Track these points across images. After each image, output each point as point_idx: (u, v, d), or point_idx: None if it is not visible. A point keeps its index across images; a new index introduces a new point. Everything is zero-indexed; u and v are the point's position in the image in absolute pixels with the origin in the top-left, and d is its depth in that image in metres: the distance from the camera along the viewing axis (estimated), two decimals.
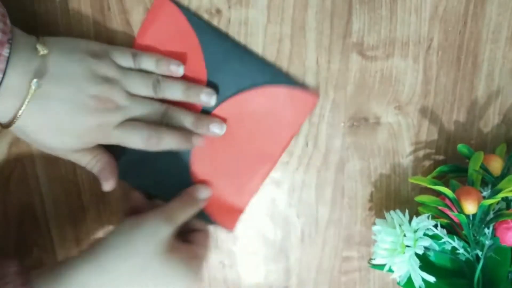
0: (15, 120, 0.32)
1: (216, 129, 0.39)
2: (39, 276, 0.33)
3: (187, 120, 0.38)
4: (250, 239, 0.45)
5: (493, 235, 0.38)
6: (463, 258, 0.39)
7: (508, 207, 0.40)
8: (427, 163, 0.44)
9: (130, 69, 0.37)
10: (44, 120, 0.33)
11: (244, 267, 0.46)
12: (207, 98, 0.39)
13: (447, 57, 0.41)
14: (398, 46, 0.40)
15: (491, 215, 0.38)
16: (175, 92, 0.38)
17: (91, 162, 0.38)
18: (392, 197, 0.44)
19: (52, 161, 0.41)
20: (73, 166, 0.42)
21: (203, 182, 0.41)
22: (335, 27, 0.39)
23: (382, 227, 0.39)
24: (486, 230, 0.38)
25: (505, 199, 0.40)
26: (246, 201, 0.42)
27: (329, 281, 0.46)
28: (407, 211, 0.40)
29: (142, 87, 0.37)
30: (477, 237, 0.38)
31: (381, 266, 0.40)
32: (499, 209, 0.39)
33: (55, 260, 0.44)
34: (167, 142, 0.37)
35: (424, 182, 0.39)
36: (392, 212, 0.40)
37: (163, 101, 0.38)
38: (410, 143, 0.43)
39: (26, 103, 0.32)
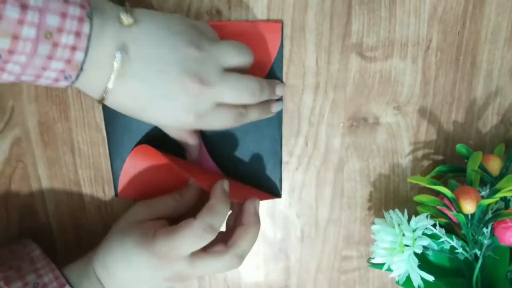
0: (105, 96, 0.31)
1: (280, 91, 0.39)
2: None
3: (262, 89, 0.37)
4: None
5: (492, 234, 0.39)
6: (461, 258, 0.39)
7: (506, 207, 0.40)
8: (426, 163, 0.44)
9: (230, 74, 0.34)
10: (131, 99, 0.32)
11: (244, 267, 0.46)
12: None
13: (446, 57, 0.41)
14: (397, 47, 0.40)
15: (490, 214, 0.38)
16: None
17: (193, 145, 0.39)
18: (391, 197, 0.45)
19: (53, 161, 0.42)
20: (74, 165, 0.42)
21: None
22: (335, 28, 0.39)
23: (381, 227, 0.40)
24: (484, 230, 0.38)
25: (503, 198, 0.40)
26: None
27: (328, 280, 0.47)
28: (406, 210, 0.40)
29: (236, 58, 0.34)
30: (476, 237, 0.39)
31: (380, 265, 0.40)
32: (498, 209, 0.39)
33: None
34: (251, 116, 0.37)
35: (423, 182, 0.40)
36: (391, 211, 0.40)
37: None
38: (409, 143, 0.43)
39: (112, 79, 0.30)
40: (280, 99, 0.40)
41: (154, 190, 0.41)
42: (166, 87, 0.31)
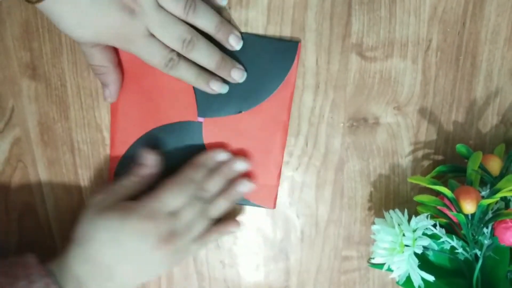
0: None
1: (237, 75, 0.38)
2: (55, 265, 0.37)
3: (211, 57, 0.36)
4: (250, 239, 0.45)
5: (492, 234, 0.39)
6: (462, 258, 0.39)
7: (506, 207, 0.40)
8: (426, 163, 0.44)
9: (167, 14, 0.34)
10: (68, 7, 0.32)
11: (244, 267, 0.46)
12: (234, 42, 0.37)
13: (446, 57, 0.41)
14: (397, 47, 0.40)
15: (490, 214, 0.38)
16: (207, 22, 0.35)
17: (100, 69, 0.37)
18: (391, 197, 0.45)
19: (53, 161, 0.42)
20: (74, 165, 0.42)
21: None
22: (335, 28, 0.39)
23: (381, 227, 0.40)
24: (484, 230, 0.38)
25: (503, 198, 0.40)
26: (275, 175, 0.42)
27: (328, 280, 0.47)
28: (406, 210, 0.40)
29: (173, 2, 0.34)
30: (476, 237, 0.39)
31: (380, 266, 0.40)
32: (498, 209, 0.39)
33: None
34: (182, 73, 0.36)
35: (423, 182, 0.40)
36: (391, 211, 0.40)
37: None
38: (409, 143, 0.43)
39: None
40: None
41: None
42: None
